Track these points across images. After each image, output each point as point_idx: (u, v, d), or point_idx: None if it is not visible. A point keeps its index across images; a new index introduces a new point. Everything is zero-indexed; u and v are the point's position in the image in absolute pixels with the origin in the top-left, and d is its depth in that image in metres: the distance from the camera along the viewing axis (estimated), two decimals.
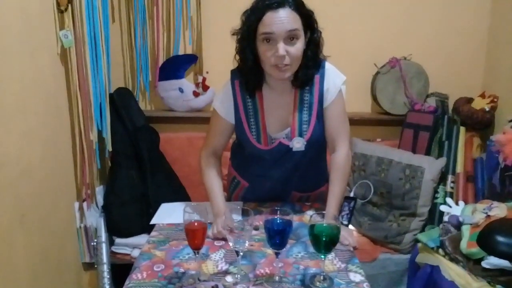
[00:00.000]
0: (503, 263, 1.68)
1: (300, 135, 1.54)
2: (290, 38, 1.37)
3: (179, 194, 2.62)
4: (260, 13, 1.37)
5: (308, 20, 1.43)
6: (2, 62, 1.62)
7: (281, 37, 1.36)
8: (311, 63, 1.48)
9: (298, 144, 1.55)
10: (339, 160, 1.57)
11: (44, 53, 1.96)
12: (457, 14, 2.73)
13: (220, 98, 1.61)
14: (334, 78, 1.54)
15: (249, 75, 1.51)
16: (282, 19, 1.35)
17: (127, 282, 1.22)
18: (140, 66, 2.77)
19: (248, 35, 1.43)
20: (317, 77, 1.52)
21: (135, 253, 2.41)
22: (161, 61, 2.76)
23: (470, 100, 2.62)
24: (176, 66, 2.74)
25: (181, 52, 2.78)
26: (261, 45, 1.40)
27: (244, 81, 1.54)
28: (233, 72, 1.59)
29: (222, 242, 1.42)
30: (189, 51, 2.78)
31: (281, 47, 1.36)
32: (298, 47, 1.40)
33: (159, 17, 2.70)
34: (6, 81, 1.65)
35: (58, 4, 2.03)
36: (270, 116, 1.56)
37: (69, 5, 2.07)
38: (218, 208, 1.52)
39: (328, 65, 1.54)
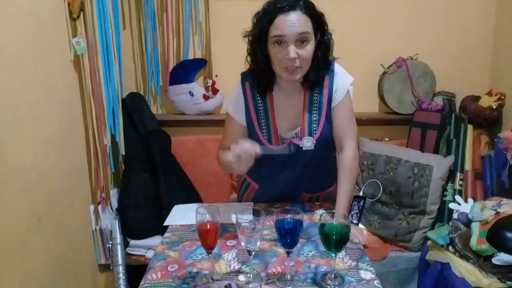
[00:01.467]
0: None
1: (310, 134, 1.57)
2: (301, 40, 1.39)
3: (191, 195, 2.65)
4: (272, 16, 1.39)
5: (319, 22, 1.45)
6: (16, 70, 1.66)
7: (292, 39, 1.38)
8: (322, 64, 1.50)
9: (308, 143, 1.57)
10: (346, 160, 1.59)
11: (57, 60, 1.99)
12: (462, 13, 2.73)
13: (232, 101, 1.63)
14: (342, 79, 1.56)
15: (260, 76, 1.53)
16: (294, 22, 1.37)
17: (142, 282, 1.25)
18: (151, 71, 2.80)
19: (260, 37, 1.45)
20: (326, 78, 1.54)
21: (150, 254, 2.44)
22: (171, 65, 2.79)
23: (477, 98, 2.62)
24: (186, 71, 2.77)
25: (190, 57, 2.81)
26: (272, 47, 1.43)
27: (255, 83, 1.56)
28: (243, 74, 1.61)
29: (234, 242, 1.44)
30: (198, 55, 2.81)
31: (292, 50, 1.38)
32: (308, 49, 1.42)
33: (168, 23, 2.73)
34: (20, 89, 1.68)
35: (71, 12, 2.06)
36: (280, 117, 1.59)
37: (81, 13, 2.10)
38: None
39: (337, 66, 1.57)
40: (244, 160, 1.39)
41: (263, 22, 1.42)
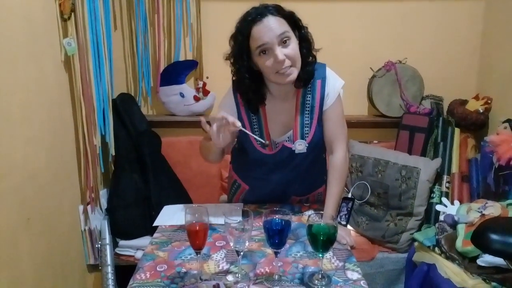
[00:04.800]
0: (497, 260, 1.71)
1: (302, 137, 1.58)
2: (283, 41, 1.40)
3: (181, 196, 2.65)
4: (247, 30, 1.40)
5: (292, 20, 1.46)
6: (7, 70, 1.66)
7: (275, 43, 1.39)
8: (308, 59, 1.51)
9: (300, 146, 1.58)
10: (337, 162, 1.61)
11: (48, 60, 1.99)
12: (451, 19, 2.77)
13: (224, 107, 1.62)
14: (334, 83, 1.58)
15: (249, 93, 1.53)
16: (269, 27, 1.38)
17: (131, 282, 1.25)
18: (142, 72, 2.80)
19: (241, 55, 1.45)
20: (318, 82, 1.56)
21: (139, 254, 2.44)
22: (162, 67, 2.79)
23: (464, 102, 2.66)
24: (177, 72, 2.77)
25: (181, 58, 2.81)
26: (259, 58, 1.43)
27: (245, 100, 1.56)
28: (234, 83, 1.61)
29: (223, 243, 1.45)
30: (189, 57, 2.82)
31: (279, 53, 1.39)
32: (293, 47, 1.42)
33: (160, 24, 2.73)
34: (11, 89, 1.68)
35: (62, 13, 2.06)
36: (273, 122, 1.59)
37: (72, 14, 2.10)
38: None
39: (328, 71, 1.58)
40: (223, 132, 1.39)
41: (240, 39, 1.43)
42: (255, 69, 1.49)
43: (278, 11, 1.42)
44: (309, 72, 1.53)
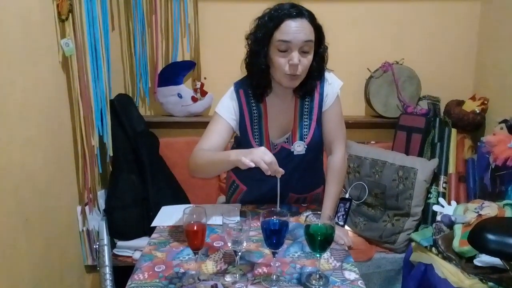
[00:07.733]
0: (494, 260, 1.71)
1: (301, 139, 1.59)
2: (304, 49, 1.41)
3: (179, 197, 2.65)
4: (279, 20, 1.40)
5: (319, 34, 1.47)
6: (4, 71, 1.66)
7: (296, 46, 1.39)
8: (315, 73, 1.52)
9: (299, 147, 1.59)
10: (335, 163, 1.61)
11: (46, 61, 1.99)
12: (447, 20, 2.78)
13: (225, 104, 1.60)
14: (333, 84, 1.58)
15: (259, 79, 1.53)
16: (300, 29, 1.39)
17: (129, 282, 1.25)
18: (140, 73, 2.80)
19: (263, 41, 1.44)
20: (317, 83, 1.56)
21: (137, 255, 2.44)
22: (160, 67, 2.80)
23: (461, 103, 2.67)
24: (174, 73, 2.77)
25: (179, 59, 2.81)
26: (275, 52, 1.43)
27: (253, 87, 1.56)
28: (236, 83, 1.61)
29: (221, 243, 1.45)
30: (187, 57, 2.82)
31: (296, 56, 1.40)
32: (309, 59, 1.44)
33: (157, 25, 2.74)
34: (8, 89, 1.68)
35: (59, 14, 2.06)
36: (273, 123, 1.60)
37: (70, 14, 2.10)
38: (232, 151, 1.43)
39: (327, 72, 1.59)
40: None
41: (268, 26, 1.42)
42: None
43: (313, 19, 1.43)
44: (312, 85, 1.54)
